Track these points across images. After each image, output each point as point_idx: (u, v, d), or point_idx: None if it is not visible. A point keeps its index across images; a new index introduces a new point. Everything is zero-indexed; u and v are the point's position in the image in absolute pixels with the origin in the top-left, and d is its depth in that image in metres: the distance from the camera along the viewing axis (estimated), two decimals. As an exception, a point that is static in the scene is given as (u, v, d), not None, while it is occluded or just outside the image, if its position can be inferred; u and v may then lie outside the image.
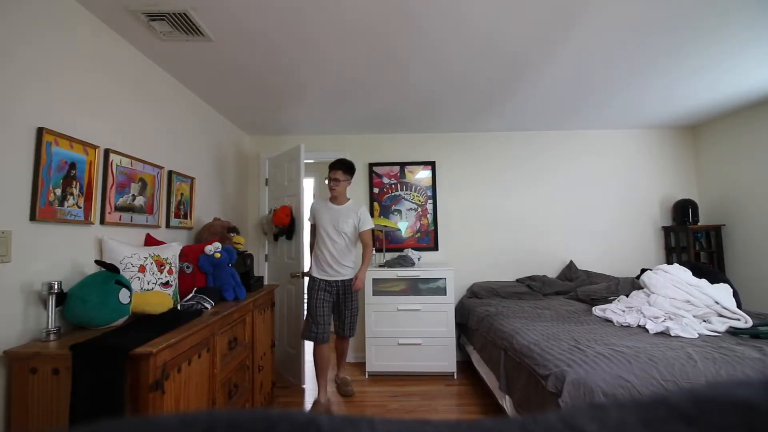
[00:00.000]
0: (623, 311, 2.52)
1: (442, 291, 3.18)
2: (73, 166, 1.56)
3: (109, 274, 1.52)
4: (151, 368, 1.26)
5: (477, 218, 3.73)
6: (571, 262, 3.62)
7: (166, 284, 1.85)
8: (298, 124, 3.42)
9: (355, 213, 2.70)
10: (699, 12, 1.80)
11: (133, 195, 1.97)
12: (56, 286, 1.38)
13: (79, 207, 1.60)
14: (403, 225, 3.72)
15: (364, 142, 3.74)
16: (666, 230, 3.70)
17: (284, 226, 3.09)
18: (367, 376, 3.16)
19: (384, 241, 3.62)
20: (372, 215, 3.50)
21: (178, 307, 1.84)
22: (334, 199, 2.74)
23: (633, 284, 2.99)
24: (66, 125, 1.55)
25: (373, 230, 2.82)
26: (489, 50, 2.12)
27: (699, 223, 3.51)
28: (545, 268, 3.68)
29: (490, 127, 3.65)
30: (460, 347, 3.42)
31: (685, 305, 2.41)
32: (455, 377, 3.14)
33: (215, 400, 1.74)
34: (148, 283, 1.76)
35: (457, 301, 3.52)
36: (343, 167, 2.68)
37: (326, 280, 2.68)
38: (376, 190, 3.75)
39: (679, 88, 2.75)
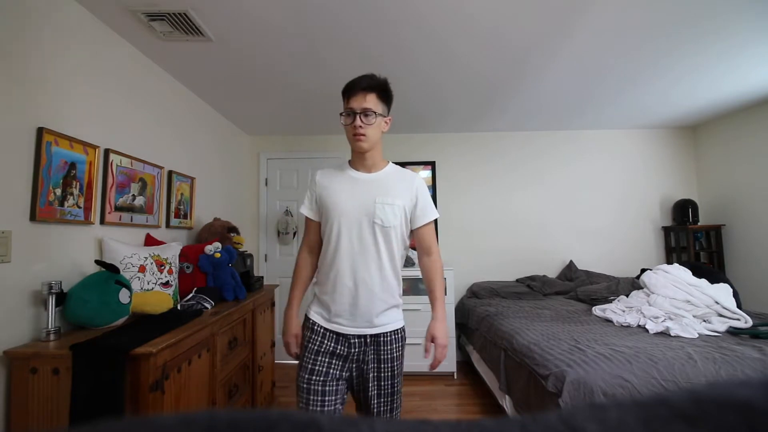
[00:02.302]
0: (623, 311, 2.52)
1: (442, 291, 3.17)
2: (73, 166, 1.56)
3: (109, 274, 1.52)
4: (151, 368, 1.26)
5: (477, 218, 3.73)
6: (571, 262, 3.62)
7: (166, 284, 1.85)
8: (297, 124, 3.42)
9: (408, 187, 1.33)
10: (699, 12, 1.80)
11: (133, 195, 1.97)
12: (56, 286, 1.38)
13: (79, 207, 1.60)
14: (403, 225, 3.71)
15: (364, 142, 3.73)
16: (666, 230, 3.70)
17: None
18: (367, 376, 3.16)
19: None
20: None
21: (178, 307, 1.84)
22: (361, 160, 1.32)
23: (633, 284, 2.99)
24: (66, 125, 1.55)
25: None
26: (493, 46, 2.11)
27: (699, 223, 3.51)
28: (545, 268, 3.68)
29: (491, 127, 3.65)
30: (460, 347, 3.42)
31: (685, 305, 2.41)
32: (455, 377, 3.14)
33: (215, 400, 1.73)
34: (148, 283, 1.76)
35: (457, 301, 3.52)
36: (378, 89, 1.26)
37: (340, 334, 1.29)
38: (376, 190, 3.74)
39: (679, 88, 2.75)
